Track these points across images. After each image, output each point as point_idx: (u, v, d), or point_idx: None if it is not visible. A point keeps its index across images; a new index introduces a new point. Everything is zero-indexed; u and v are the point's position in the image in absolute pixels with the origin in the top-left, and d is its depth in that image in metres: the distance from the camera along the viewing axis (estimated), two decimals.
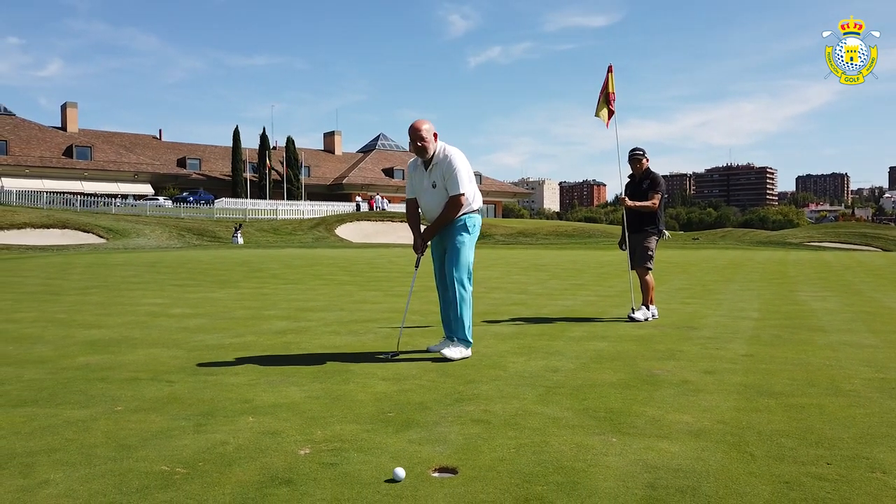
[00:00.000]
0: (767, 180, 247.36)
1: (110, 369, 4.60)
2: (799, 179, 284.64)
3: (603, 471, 2.60)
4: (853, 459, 2.73)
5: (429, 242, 5.03)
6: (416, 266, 5.21)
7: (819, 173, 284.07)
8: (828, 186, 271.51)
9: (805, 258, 21.05)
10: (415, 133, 4.77)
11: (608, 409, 3.49)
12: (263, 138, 62.77)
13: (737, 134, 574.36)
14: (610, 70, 7.56)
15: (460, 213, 4.85)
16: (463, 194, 4.78)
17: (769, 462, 2.70)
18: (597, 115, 7.61)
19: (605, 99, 7.54)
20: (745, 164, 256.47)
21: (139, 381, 4.24)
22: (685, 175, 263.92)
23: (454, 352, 4.83)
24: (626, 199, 7.21)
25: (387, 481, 2.38)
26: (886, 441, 2.96)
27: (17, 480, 2.53)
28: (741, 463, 2.69)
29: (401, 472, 2.40)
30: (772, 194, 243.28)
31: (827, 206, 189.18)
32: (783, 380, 4.15)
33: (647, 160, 7.38)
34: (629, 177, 7.45)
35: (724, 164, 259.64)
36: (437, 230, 4.91)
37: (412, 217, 5.18)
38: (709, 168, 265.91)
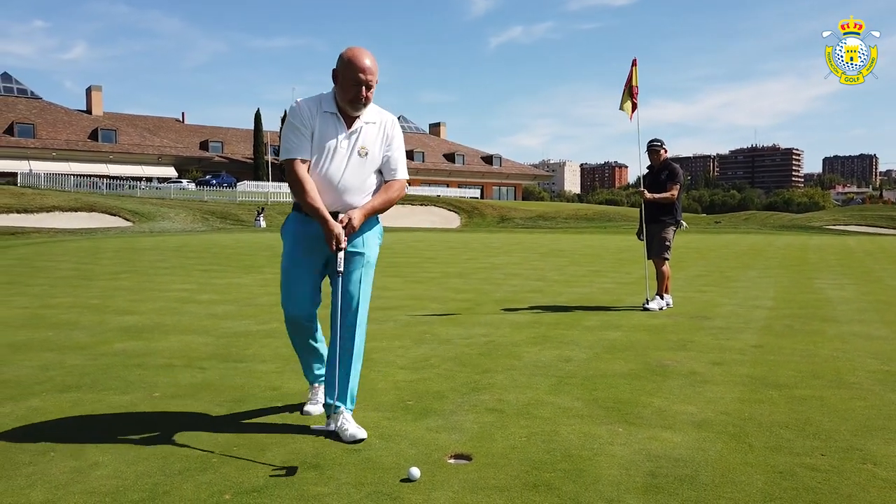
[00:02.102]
0: (793, 162, 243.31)
1: (146, 356, 4.86)
2: (826, 161, 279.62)
3: (608, 459, 2.79)
4: (847, 451, 2.88)
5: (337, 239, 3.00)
6: (339, 272, 3.03)
7: (846, 154, 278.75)
8: (855, 168, 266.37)
9: (827, 243, 20.90)
10: (367, 70, 2.99)
11: (617, 400, 3.66)
12: (284, 121, 63.17)
13: (762, 114, 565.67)
14: (634, 64, 7.60)
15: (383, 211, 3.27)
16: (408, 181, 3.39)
17: (766, 453, 2.87)
18: (621, 108, 7.67)
19: (629, 92, 7.59)
20: (770, 145, 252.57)
21: (173, 367, 4.49)
22: (708, 157, 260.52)
23: (355, 428, 3.09)
24: (646, 192, 7.32)
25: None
26: (882, 433, 3.10)
27: (70, 462, 2.78)
28: (739, 453, 2.86)
29: (415, 471, 2.58)
30: (798, 176, 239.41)
31: (854, 189, 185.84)
32: (789, 371, 4.29)
33: (666, 151, 7.49)
34: (647, 168, 7.56)
35: (749, 146, 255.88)
36: (366, 218, 3.13)
37: (310, 188, 3.03)
38: (733, 149, 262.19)
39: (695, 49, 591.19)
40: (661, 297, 7.22)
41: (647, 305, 7.09)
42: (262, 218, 34.85)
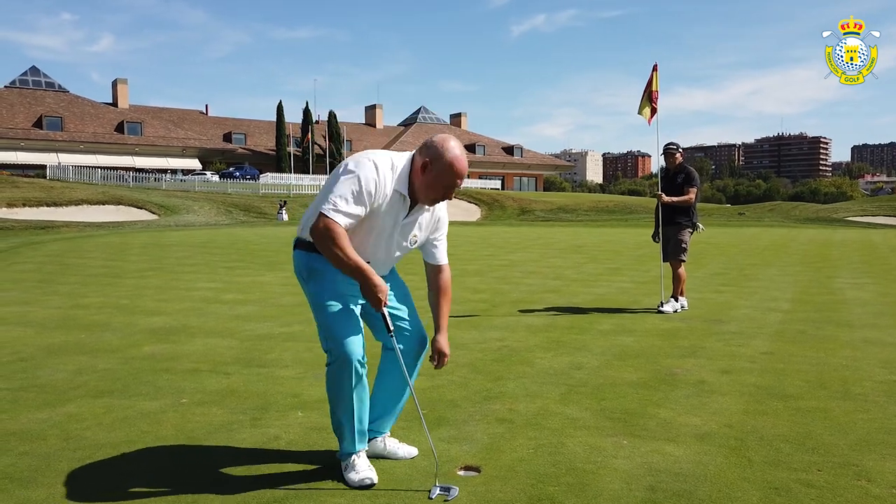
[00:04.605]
0: (821, 150, 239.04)
1: (173, 360, 5.08)
2: (854, 149, 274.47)
3: (611, 473, 2.92)
4: (843, 466, 2.98)
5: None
6: (391, 332, 2.85)
7: (876, 143, 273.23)
8: (885, 156, 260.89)
9: (851, 238, 20.66)
10: (464, 176, 2.79)
11: (624, 410, 3.78)
12: (306, 112, 63.68)
13: (790, 102, 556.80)
14: (655, 69, 7.63)
15: None
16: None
17: (764, 467, 2.98)
18: (639, 113, 7.71)
19: (649, 97, 7.63)
20: (797, 133, 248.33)
21: (200, 372, 4.70)
22: (734, 145, 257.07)
23: (407, 447, 3.20)
24: (664, 195, 7.36)
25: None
26: (880, 448, 3.19)
27: (105, 470, 2.98)
28: (738, 468, 2.97)
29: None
30: (825, 165, 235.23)
31: (884, 178, 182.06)
32: (796, 381, 4.37)
33: (682, 154, 7.56)
34: (663, 170, 7.63)
35: (776, 134, 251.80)
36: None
37: (349, 245, 2.66)
38: (759, 138, 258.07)
39: (721, 36, 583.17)
40: (676, 300, 7.29)
41: (661, 308, 7.17)
42: (284, 211, 35.23)
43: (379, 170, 2.69)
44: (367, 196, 2.66)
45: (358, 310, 2.88)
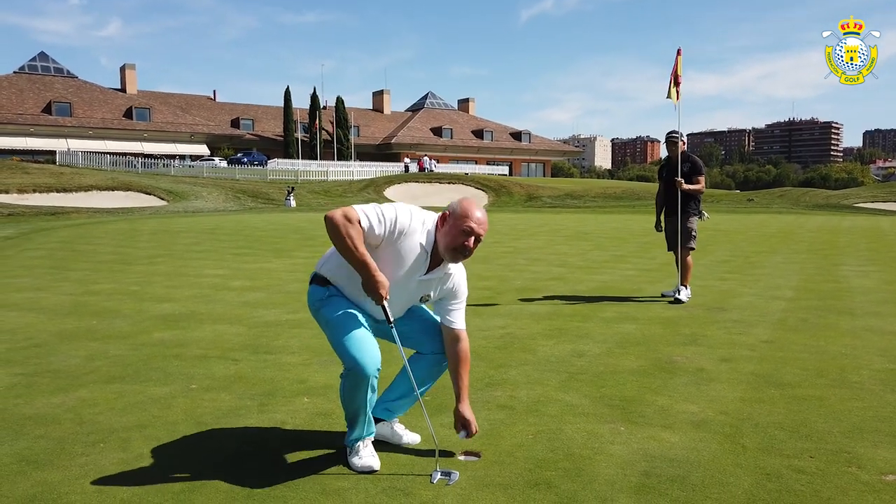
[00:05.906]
0: (832, 136, 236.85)
1: (182, 346, 5.19)
2: (866, 134, 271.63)
3: (607, 458, 3.00)
4: (835, 453, 3.05)
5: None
6: (391, 323, 2.92)
7: (889, 128, 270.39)
8: None
9: (860, 225, 20.58)
10: (480, 221, 2.94)
11: (622, 398, 3.86)
12: (314, 98, 63.61)
13: (801, 86, 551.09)
14: (679, 53, 7.65)
15: None
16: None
17: (757, 454, 3.05)
18: (668, 96, 7.76)
19: (674, 81, 7.68)
20: (808, 118, 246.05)
21: (209, 358, 4.80)
22: (744, 131, 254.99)
23: (411, 434, 3.30)
24: (683, 182, 7.34)
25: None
26: (872, 436, 3.26)
27: (118, 454, 3.08)
28: (732, 454, 3.05)
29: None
30: (836, 150, 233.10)
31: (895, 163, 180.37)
32: (794, 369, 4.43)
33: (685, 143, 7.57)
34: (665, 159, 7.65)
35: (787, 119, 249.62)
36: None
37: (362, 246, 2.79)
38: (769, 123, 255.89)
39: (732, 19, 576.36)
40: (686, 288, 7.32)
41: (677, 296, 7.13)
42: (292, 197, 35.33)
43: (413, 218, 2.91)
44: (390, 225, 2.84)
45: (370, 328, 2.99)
